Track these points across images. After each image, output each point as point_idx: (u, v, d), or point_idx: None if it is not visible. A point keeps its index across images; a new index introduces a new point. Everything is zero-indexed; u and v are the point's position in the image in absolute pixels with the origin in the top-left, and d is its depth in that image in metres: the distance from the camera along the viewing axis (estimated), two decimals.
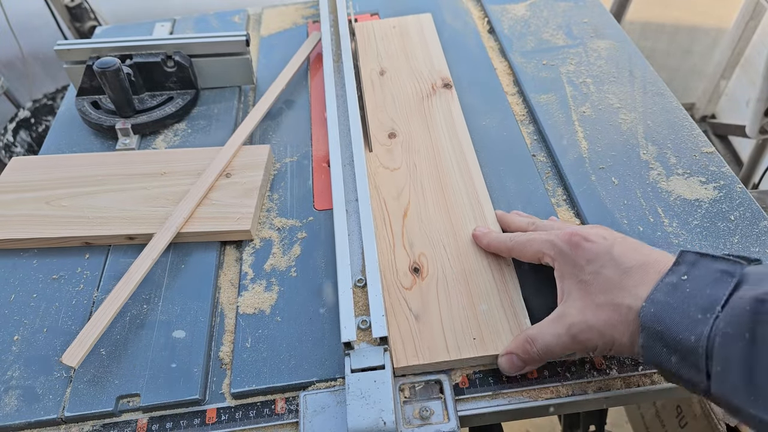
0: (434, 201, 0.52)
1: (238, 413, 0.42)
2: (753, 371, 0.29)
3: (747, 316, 0.29)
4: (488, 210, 0.50)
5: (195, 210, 0.53)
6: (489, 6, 0.77)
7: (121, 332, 0.46)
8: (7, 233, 0.53)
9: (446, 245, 0.48)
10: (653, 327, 0.33)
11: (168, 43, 0.66)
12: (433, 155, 0.56)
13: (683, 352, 0.32)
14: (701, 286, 0.32)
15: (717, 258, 0.33)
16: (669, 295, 0.33)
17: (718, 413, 0.71)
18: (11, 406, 0.42)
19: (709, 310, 0.31)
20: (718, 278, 0.32)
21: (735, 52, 1.37)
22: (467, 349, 0.41)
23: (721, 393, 0.30)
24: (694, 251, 0.35)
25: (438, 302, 0.44)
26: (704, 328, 0.31)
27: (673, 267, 0.34)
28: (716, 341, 0.30)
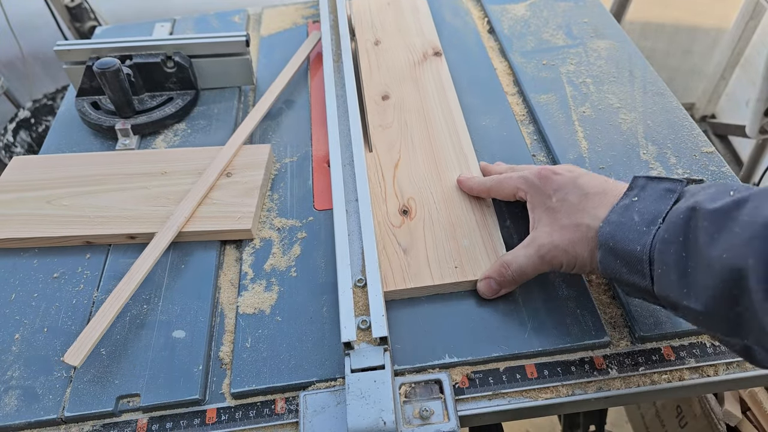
0: (423, 153, 0.56)
1: (238, 413, 0.42)
2: (685, 268, 0.33)
3: (681, 223, 0.33)
4: (472, 161, 0.55)
5: (196, 209, 0.53)
6: (489, 6, 0.77)
7: (121, 332, 0.46)
8: (9, 232, 0.53)
9: (433, 191, 0.53)
10: (608, 243, 0.37)
11: (168, 44, 0.66)
12: (422, 114, 0.61)
13: (631, 262, 0.36)
14: (648, 204, 0.37)
15: (663, 179, 0.38)
16: (621, 215, 0.37)
17: (718, 413, 0.71)
18: (11, 406, 0.42)
19: (653, 223, 0.35)
20: (662, 195, 0.37)
21: (735, 52, 1.38)
22: (449, 275, 0.46)
23: (662, 292, 0.35)
24: (645, 176, 0.39)
25: (424, 238, 0.49)
26: (648, 239, 0.35)
27: (627, 192, 0.39)
28: (656, 247, 0.34)
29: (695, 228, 0.32)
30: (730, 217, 0.31)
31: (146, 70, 0.66)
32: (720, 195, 0.33)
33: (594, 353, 0.43)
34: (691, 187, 0.37)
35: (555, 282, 0.46)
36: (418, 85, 0.64)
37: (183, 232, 0.52)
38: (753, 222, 0.30)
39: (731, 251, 0.30)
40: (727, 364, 0.42)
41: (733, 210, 0.31)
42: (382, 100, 0.63)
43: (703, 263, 0.32)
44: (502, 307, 0.45)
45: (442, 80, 0.65)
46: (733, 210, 0.31)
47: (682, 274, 0.33)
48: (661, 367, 0.42)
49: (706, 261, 0.31)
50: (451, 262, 0.47)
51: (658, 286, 0.35)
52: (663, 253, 0.34)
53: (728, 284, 0.30)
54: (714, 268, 0.31)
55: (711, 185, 0.35)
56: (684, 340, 0.43)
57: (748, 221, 0.30)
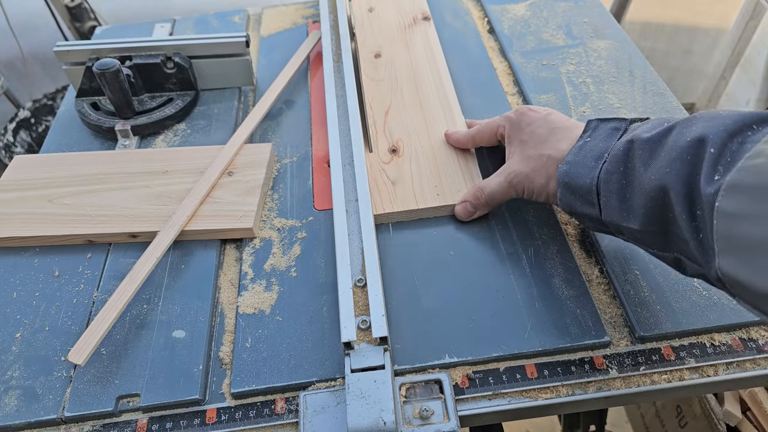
0: (411, 103, 0.62)
1: (238, 413, 0.42)
2: (624, 194, 0.37)
3: (621, 154, 0.37)
4: (456, 108, 0.61)
5: (198, 208, 0.53)
6: (489, 6, 0.77)
7: (121, 332, 0.46)
8: (10, 231, 0.53)
9: (419, 134, 0.58)
10: (564, 180, 0.41)
11: (167, 45, 0.66)
12: (411, 70, 0.66)
13: (583, 194, 0.40)
14: (597, 142, 0.40)
15: (611, 119, 0.41)
16: (576, 155, 0.41)
17: (718, 413, 0.71)
18: (11, 406, 0.42)
19: (600, 158, 0.39)
20: (609, 133, 0.40)
21: (735, 52, 1.38)
22: (432, 200, 0.52)
23: (608, 217, 0.38)
24: (598, 118, 0.42)
25: (410, 172, 0.54)
26: (596, 172, 0.39)
27: (582, 134, 0.42)
28: (602, 178, 0.38)
29: (633, 157, 0.36)
30: (660, 143, 0.35)
31: (146, 71, 0.66)
32: (655, 126, 0.36)
33: (594, 353, 0.43)
34: (634, 124, 0.40)
35: (555, 282, 0.46)
36: (408, 46, 0.70)
37: (185, 230, 0.52)
38: (675, 145, 0.33)
39: (658, 172, 0.34)
40: (727, 364, 0.42)
41: (663, 137, 0.35)
42: (374, 58, 0.69)
43: (638, 187, 0.35)
44: (501, 306, 0.45)
45: (429, 41, 0.70)
46: (663, 137, 0.35)
47: (622, 199, 0.37)
48: (661, 367, 0.42)
49: (640, 184, 0.35)
50: (433, 190, 0.53)
51: (604, 213, 0.39)
52: (607, 183, 0.38)
53: (657, 202, 0.34)
54: (646, 189, 0.35)
55: (650, 120, 0.39)
56: (684, 340, 0.43)
57: (672, 145, 0.34)
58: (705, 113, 0.34)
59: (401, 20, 0.74)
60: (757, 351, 0.42)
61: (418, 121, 0.60)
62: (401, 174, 0.54)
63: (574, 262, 0.47)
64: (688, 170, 0.32)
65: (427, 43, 0.70)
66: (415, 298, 0.46)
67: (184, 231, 0.52)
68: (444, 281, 0.47)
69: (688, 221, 0.32)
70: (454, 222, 0.52)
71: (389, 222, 0.52)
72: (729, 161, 0.30)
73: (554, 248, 0.48)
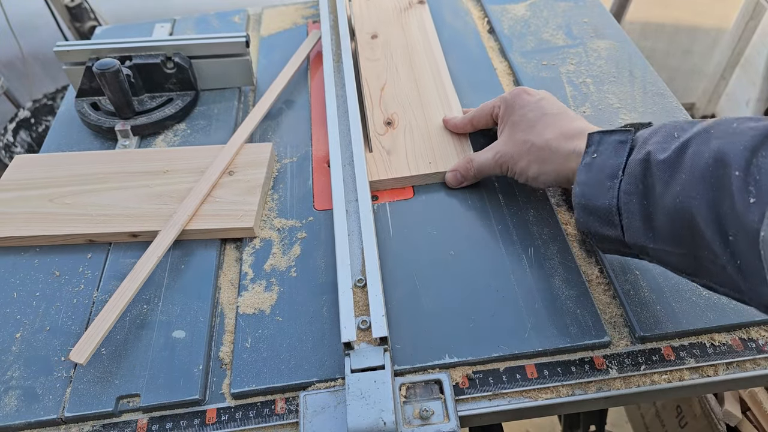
0: (406, 80, 0.65)
1: (238, 413, 0.42)
2: (648, 214, 0.36)
3: (638, 174, 0.36)
4: (448, 85, 0.63)
5: (199, 207, 0.53)
6: (489, 6, 0.77)
7: (121, 332, 0.46)
8: (11, 231, 0.53)
9: (414, 108, 0.61)
10: (581, 203, 0.40)
11: (167, 45, 0.66)
12: (406, 50, 0.70)
13: (602, 215, 0.39)
14: (606, 159, 0.39)
15: (614, 132, 0.40)
16: (587, 174, 0.40)
17: (718, 413, 0.71)
18: (11, 406, 0.42)
19: (614, 176, 0.38)
20: (617, 148, 0.39)
21: (735, 52, 1.38)
22: (424, 168, 0.55)
23: (632, 239, 0.37)
24: (598, 131, 0.41)
25: (404, 142, 0.57)
26: (613, 192, 0.38)
27: (586, 149, 0.41)
28: (621, 199, 0.37)
29: (651, 177, 0.35)
30: (677, 164, 0.34)
31: (146, 71, 0.66)
32: (667, 141, 0.35)
33: (594, 353, 0.43)
34: (640, 134, 0.39)
35: (555, 282, 0.46)
36: (403, 28, 0.73)
37: (186, 230, 0.52)
38: (695, 166, 0.33)
39: (682, 195, 0.33)
40: (727, 364, 0.42)
41: (679, 156, 0.34)
42: (371, 38, 0.72)
43: (662, 208, 0.35)
44: (501, 307, 0.45)
45: (424, 23, 0.74)
46: (679, 156, 0.34)
47: (646, 219, 0.36)
48: (661, 367, 0.42)
49: (664, 205, 0.34)
50: (426, 159, 0.56)
51: (628, 234, 0.38)
52: (628, 204, 0.37)
53: (684, 224, 0.33)
54: (670, 211, 0.34)
55: (658, 130, 0.37)
56: (684, 340, 0.43)
57: (690, 165, 0.33)
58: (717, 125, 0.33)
59: (397, 4, 0.78)
60: (757, 351, 0.42)
61: (413, 96, 0.63)
62: (395, 144, 0.57)
63: (574, 262, 0.47)
64: (714, 194, 0.31)
65: (422, 25, 0.73)
66: (415, 298, 0.46)
67: (184, 230, 0.52)
68: (444, 281, 0.47)
69: (722, 247, 0.31)
70: (454, 222, 0.52)
71: (384, 188, 0.55)
72: (759, 180, 0.29)
73: (554, 248, 0.48)
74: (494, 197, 0.53)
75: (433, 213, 0.53)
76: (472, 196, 0.54)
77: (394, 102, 0.62)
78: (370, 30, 0.73)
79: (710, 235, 0.31)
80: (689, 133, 0.34)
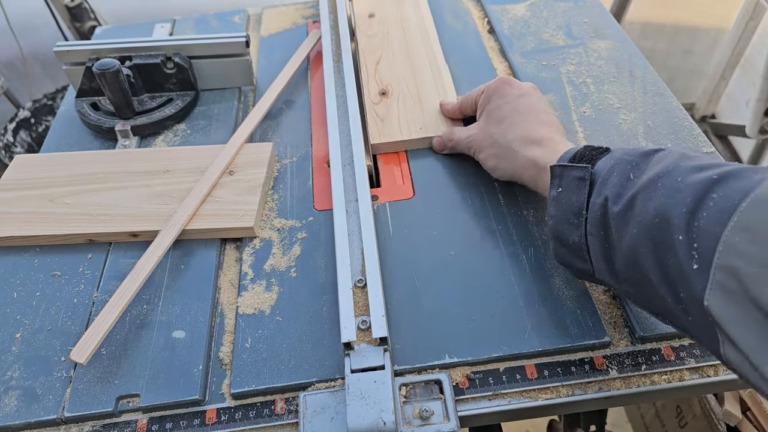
0: (401, 54, 0.69)
1: (237, 413, 0.42)
2: (609, 258, 0.37)
3: (599, 219, 0.37)
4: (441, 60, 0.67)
5: (199, 207, 0.53)
6: (489, 6, 0.77)
7: (121, 332, 0.46)
8: (11, 230, 0.53)
9: (407, 81, 0.65)
10: (555, 236, 0.41)
11: (167, 45, 0.66)
12: (401, 26, 0.74)
13: (575, 250, 0.40)
14: (570, 195, 0.40)
15: (573, 167, 0.40)
16: (555, 208, 0.41)
17: (718, 413, 0.71)
18: (11, 407, 0.42)
19: (579, 215, 0.39)
20: (577, 185, 0.39)
21: (735, 52, 1.38)
22: (416, 133, 0.59)
23: (600, 277, 0.39)
24: (560, 164, 0.41)
25: (397, 111, 0.62)
26: (581, 230, 0.39)
27: (552, 181, 0.42)
28: (588, 240, 0.38)
29: (607, 224, 0.37)
30: (628, 218, 0.35)
31: (146, 71, 0.66)
32: (622, 186, 0.36)
33: (594, 353, 0.43)
34: (598, 169, 0.39)
35: (555, 282, 0.46)
36: (399, 6, 0.77)
37: (186, 230, 0.52)
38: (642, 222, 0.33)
39: (633, 248, 0.34)
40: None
41: (628, 210, 0.35)
42: (368, 17, 0.76)
43: (620, 254, 0.36)
44: (502, 306, 0.45)
45: (419, 4, 0.78)
46: (629, 210, 0.35)
47: (608, 261, 0.37)
48: (661, 367, 0.42)
49: (621, 253, 0.35)
50: (417, 125, 0.60)
51: (596, 272, 0.39)
52: (592, 245, 0.38)
53: (639, 274, 0.34)
54: (627, 262, 0.35)
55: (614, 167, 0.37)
56: (684, 341, 0.43)
57: (639, 221, 0.33)
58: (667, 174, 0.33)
59: None
60: None
61: (406, 70, 0.67)
62: (389, 112, 0.61)
63: None
64: (661, 254, 0.32)
65: (416, 4, 0.78)
66: (415, 299, 0.46)
67: (185, 230, 0.52)
68: (444, 281, 0.47)
69: (675, 302, 0.32)
70: (454, 222, 0.52)
71: (378, 152, 0.59)
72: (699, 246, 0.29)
73: None
74: (494, 197, 0.53)
75: (433, 213, 0.53)
76: (472, 196, 0.54)
77: (388, 74, 0.66)
78: (368, 9, 0.77)
79: (663, 290, 0.32)
80: (639, 183, 0.35)
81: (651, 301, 0.35)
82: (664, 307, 0.33)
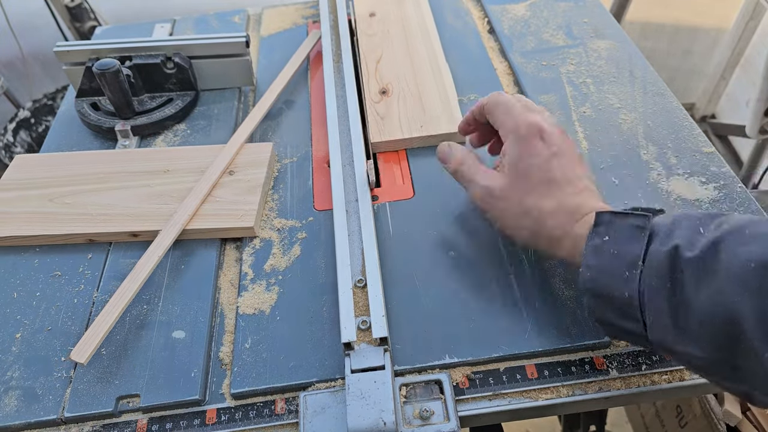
0: (401, 53, 0.69)
1: (238, 414, 0.42)
2: (676, 315, 0.33)
3: (665, 269, 0.33)
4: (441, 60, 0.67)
5: (199, 207, 0.53)
6: (489, 6, 0.77)
7: (121, 332, 0.46)
8: (11, 230, 0.53)
9: (408, 79, 0.65)
10: (593, 290, 0.37)
11: (167, 45, 0.66)
12: (402, 25, 0.73)
13: (622, 307, 0.35)
14: (621, 244, 0.36)
15: (627, 214, 0.37)
16: (597, 258, 0.36)
17: (718, 413, 0.71)
18: (11, 407, 0.42)
19: (633, 266, 0.35)
20: (633, 234, 0.36)
21: (735, 53, 1.38)
22: (416, 131, 0.59)
23: (657, 338, 0.34)
24: (609, 211, 0.38)
25: (398, 110, 0.61)
26: (633, 284, 0.34)
27: (594, 229, 0.37)
28: (645, 294, 0.34)
29: (680, 276, 0.33)
30: (710, 266, 0.31)
31: (146, 71, 0.66)
32: (694, 236, 0.33)
33: (594, 353, 0.43)
34: (657, 221, 0.36)
35: (555, 282, 0.46)
36: (400, 5, 0.78)
37: (186, 230, 0.52)
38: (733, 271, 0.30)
39: (721, 299, 0.30)
40: None
41: (712, 257, 0.31)
42: (369, 17, 0.76)
43: (694, 310, 0.32)
44: (502, 307, 0.45)
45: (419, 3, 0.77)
46: (712, 257, 0.31)
47: (675, 319, 0.33)
48: (661, 367, 0.42)
49: (698, 308, 0.31)
50: (417, 124, 0.60)
51: (652, 333, 0.35)
52: (652, 301, 0.34)
53: (723, 330, 0.30)
54: (706, 314, 0.31)
55: (680, 221, 0.35)
56: None
57: (728, 270, 0.30)
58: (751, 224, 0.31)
59: None
60: None
61: (407, 69, 0.66)
62: (389, 111, 0.61)
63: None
64: (760, 301, 0.29)
65: (417, 3, 0.78)
66: (415, 299, 0.46)
67: (185, 230, 0.52)
68: (444, 281, 0.47)
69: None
70: (454, 222, 0.52)
71: (378, 151, 0.59)
72: None
73: None
74: None
75: (433, 213, 0.53)
76: None
77: (388, 73, 0.66)
78: (368, 9, 0.77)
79: (759, 344, 0.29)
80: (719, 231, 0.32)
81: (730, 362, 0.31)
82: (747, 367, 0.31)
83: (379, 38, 0.72)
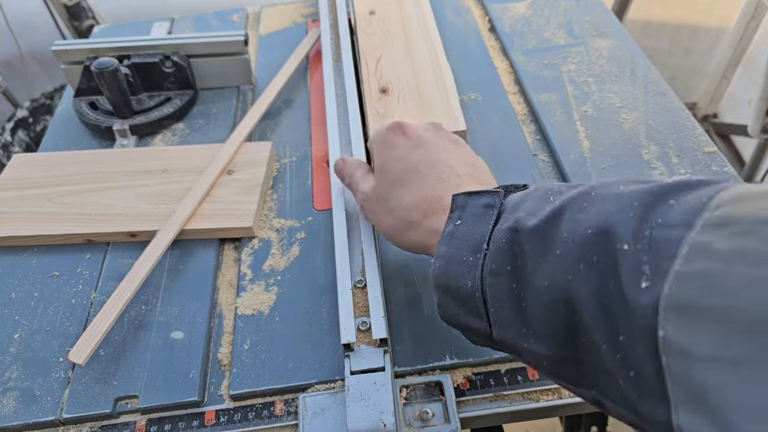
0: (401, 52, 0.68)
1: (236, 415, 0.41)
2: (519, 303, 0.27)
3: (506, 248, 0.28)
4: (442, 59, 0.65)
5: (197, 207, 0.53)
6: (490, 4, 0.77)
7: (119, 333, 0.46)
8: (9, 230, 0.53)
9: (408, 79, 0.64)
10: (441, 282, 0.31)
11: (166, 44, 0.66)
12: (402, 24, 0.72)
13: (465, 300, 0.30)
14: (470, 227, 0.31)
15: (481, 193, 0.32)
16: (448, 245, 0.31)
17: None
18: (9, 408, 0.42)
19: (478, 249, 0.30)
20: (483, 214, 0.31)
21: (737, 52, 1.37)
22: None
23: (501, 335, 0.29)
24: (463, 192, 0.33)
25: (397, 108, 0.60)
26: (476, 271, 0.29)
27: (450, 215, 0.33)
28: (486, 281, 0.29)
29: (521, 253, 0.27)
30: (550, 235, 0.26)
31: (144, 70, 0.66)
32: (539, 205, 0.28)
33: None
34: (510, 198, 0.31)
35: None
36: (400, 4, 0.76)
37: (184, 230, 0.51)
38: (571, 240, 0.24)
39: (556, 278, 0.25)
40: None
41: (550, 225, 0.26)
42: (369, 15, 0.74)
43: (536, 296, 0.26)
44: None
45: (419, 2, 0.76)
46: (552, 224, 0.26)
47: (516, 310, 0.27)
48: None
49: (538, 294, 0.26)
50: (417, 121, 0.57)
51: (496, 329, 0.29)
52: (493, 287, 0.28)
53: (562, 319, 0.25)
54: (546, 301, 0.25)
55: (531, 193, 0.30)
56: None
57: (566, 238, 0.25)
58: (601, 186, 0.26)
59: None
60: None
61: (407, 67, 0.65)
62: (389, 108, 0.60)
63: None
64: (597, 278, 0.23)
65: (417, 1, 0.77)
66: (415, 299, 0.46)
67: (183, 230, 0.51)
68: None
69: (611, 350, 0.22)
70: None
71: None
72: (654, 257, 0.21)
73: None
74: None
75: None
76: None
77: (388, 72, 0.65)
78: (368, 7, 0.76)
79: (597, 336, 0.23)
80: (565, 196, 0.27)
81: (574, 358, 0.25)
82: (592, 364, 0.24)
83: (379, 37, 0.71)
